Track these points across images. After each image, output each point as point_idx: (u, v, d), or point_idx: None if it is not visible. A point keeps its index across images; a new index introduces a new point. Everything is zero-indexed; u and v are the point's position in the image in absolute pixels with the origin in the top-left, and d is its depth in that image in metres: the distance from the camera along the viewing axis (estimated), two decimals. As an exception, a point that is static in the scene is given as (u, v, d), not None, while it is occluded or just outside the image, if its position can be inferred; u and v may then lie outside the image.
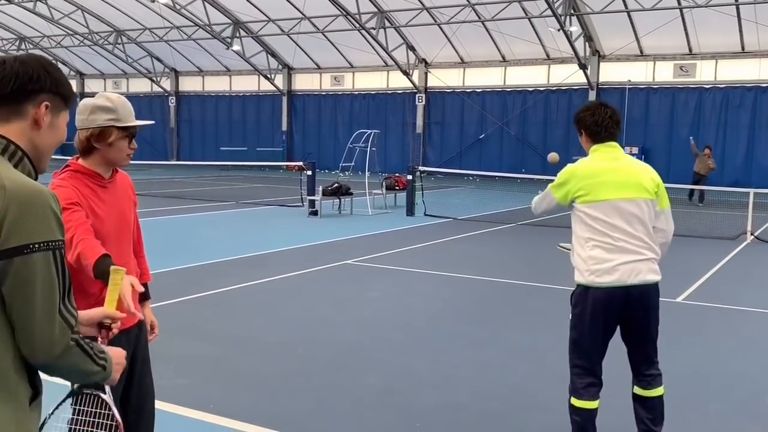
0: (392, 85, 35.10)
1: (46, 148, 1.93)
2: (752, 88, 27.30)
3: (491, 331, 7.04)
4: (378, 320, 7.33)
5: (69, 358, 1.79)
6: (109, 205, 3.01)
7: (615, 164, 3.99)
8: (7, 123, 1.86)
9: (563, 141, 30.92)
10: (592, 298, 3.85)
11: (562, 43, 28.28)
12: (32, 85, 1.87)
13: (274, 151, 37.42)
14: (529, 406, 5.08)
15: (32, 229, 1.71)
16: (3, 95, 1.85)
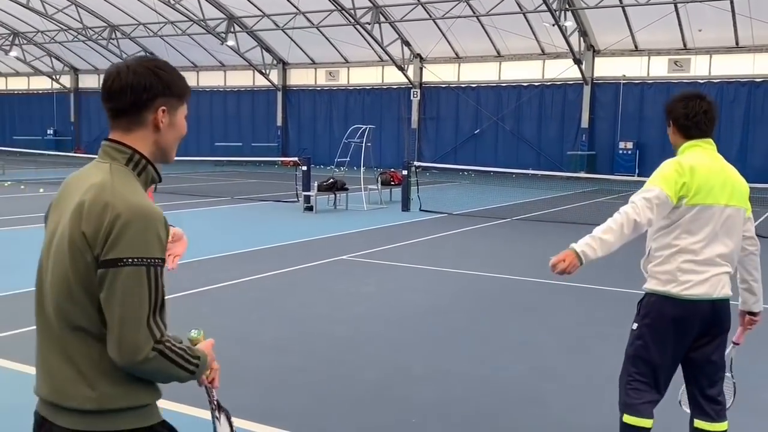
0: (387, 80, 35.09)
1: (169, 145, 2.10)
2: (746, 83, 27.38)
3: (487, 326, 7.05)
4: (374, 316, 7.33)
5: (150, 364, 1.91)
6: None
7: (719, 165, 3.56)
8: (129, 132, 2.03)
9: (558, 136, 31.00)
10: (672, 309, 3.44)
11: (557, 38, 28.30)
12: (146, 94, 1.99)
13: (269, 146, 37.39)
14: (524, 401, 5.10)
15: (130, 245, 1.86)
16: (122, 109, 2.00)
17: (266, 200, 18.73)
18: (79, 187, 1.97)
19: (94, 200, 1.89)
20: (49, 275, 1.98)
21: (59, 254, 1.93)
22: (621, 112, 29.47)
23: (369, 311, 7.52)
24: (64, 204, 2.00)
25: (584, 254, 3.25)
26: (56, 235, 1.97)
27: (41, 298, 2.02)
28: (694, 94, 3.62)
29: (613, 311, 7.35)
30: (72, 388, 1.95)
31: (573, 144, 30.37)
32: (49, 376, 2.00)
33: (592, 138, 30.23)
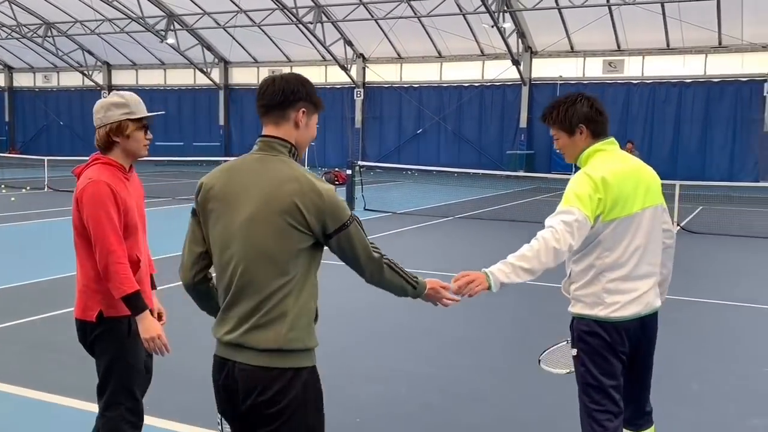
0: (330, 80, 35.17)
1: (303, 143, 2.67)
2: (677, 83, 28.44)
3: (430, 323, 7.12)
4: (320, 315, 7.40)
5: (386, 274, 2.70)
6: (132, 197, 3.32)
7: (628, 166, 3.31)
8: (279, 127, 2.61)
9: (497, 136, 31.61)
10: (603, 332, 3.25)
11: (496, 40, 28.87)
12: (293, 96, 2.59)
13: (211, 145, 37.05)
14: (468, 397, 5.18)
15: (341, 212, 2.54)
16: (274, 105, 2.58)
17: (209, 201, 18.58)
18: (268, 178, 2.53)
19: (308, 190, 2.50)
20: (248, 245, 2.52)
21: (263, 229, 2.50)
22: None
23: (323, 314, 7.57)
24: (246, 192, 2.54)
25: (495, 280, 3.07)
26: (252, 217, 2.51)
27: (240, 261, 2.54)
28: (580, 94, 3.36)
29: (557, 307, 7.58)
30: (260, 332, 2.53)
31: (512, 143, 31.02)
32: (238, 321, 2.56)
33: (531, 138, 30.94)
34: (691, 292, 8.81)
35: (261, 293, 2.53)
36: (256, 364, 2.52)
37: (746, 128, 27.29)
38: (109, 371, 3.30)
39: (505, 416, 4.91)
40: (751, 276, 10.14)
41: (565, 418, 4.72)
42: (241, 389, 2.55)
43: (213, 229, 2.62)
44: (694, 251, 11.89)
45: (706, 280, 9.75)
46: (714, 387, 5.46)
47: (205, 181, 2.65)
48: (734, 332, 7.13)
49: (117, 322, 3.26)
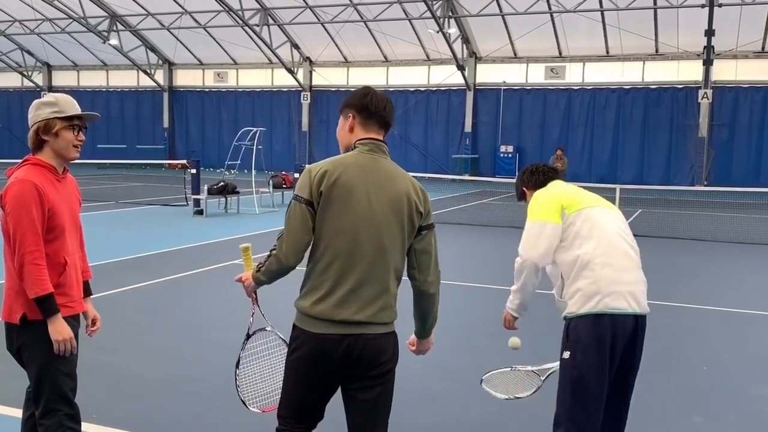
0: (277, 83, 35.03)
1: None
2: (616, 89, 29.23)
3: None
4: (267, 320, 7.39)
5: (439, 294, 3.12)
6: (64, 199, 3.28)
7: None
8: (378, 133, 3.12)
9: (443, 140, 31.95)
10: (597, 327, 3.32)
11: (441, 45, 29.20)
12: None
13: (155, 148, 36.47)
14: (418, 399, 5.17)
15: (432, 214, 3.10)
16: (389, 123, 3.14)
17: (153, 204, 18.38)
18: (391, 177, 2.98)
19: (417, 188, 3.03)
20: (383, 237, 2.91)
21: (394, 223, 2.92)
22: (502, 117, 30.76)
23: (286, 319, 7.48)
24: (378, 187, 2.92)
25: (514, 312, 3.78)
26: (382, 206, 2.91)
27: (366, 248, 2.89)
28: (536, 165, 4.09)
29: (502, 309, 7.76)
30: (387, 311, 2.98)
31: (458, 148, 31.39)
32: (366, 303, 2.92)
33: (476, 142, 31.37)
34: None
35: (386, 279, 2.93)
36: (382, 332, 2.96)
37: (682, 133, 28.22)
38: (41, 379, 3.26)
39: (455, 418, 5.00)
40: (689, 277, 10.47)
41: (512, 418, 4.86)
42: (367, 356, 2.92)
43: (339, 217, 2.87)
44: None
45: (652, 280, 10.03)
46: (656, 386, 5.56)
47: (328, 169, 2.89)
48: (674, 331, 7.32)
49: (43, 327, 3.20)
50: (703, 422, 5.00)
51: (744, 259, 12.04)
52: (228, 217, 16.47)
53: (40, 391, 3.27)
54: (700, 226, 15.97)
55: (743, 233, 14.75)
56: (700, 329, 7.56)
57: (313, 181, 2.86)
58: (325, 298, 2.88)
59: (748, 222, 17.04)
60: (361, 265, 2.88)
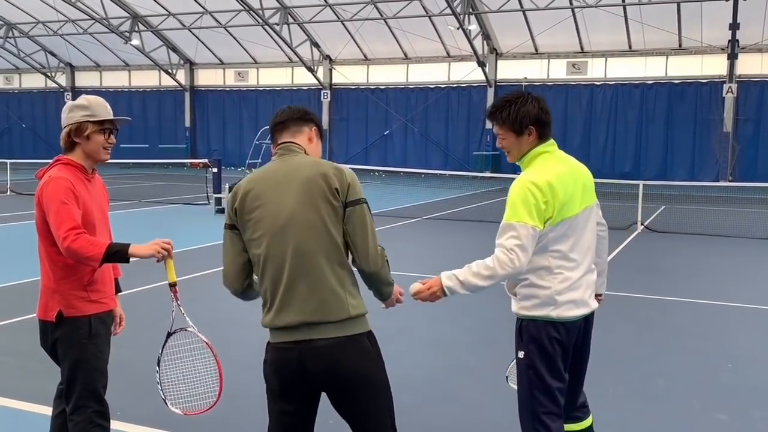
0: (297, 81, 35.12)
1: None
2: (639, 84, 28.94)
3: (402, 323, 7.00)
4: None
5: (384, 269, 2.92)
6: (94, 198, 3.36)
7: (569, 167, 3.33)
8: (294, 136, 3.03)
9: (464, 137, 31.84)
10: (555, 332, 3.23)
11: (462, 42, 29.09)
12: (307, 115, 3.09)
13: (177, 148, 36.75)
14: (440, 399, 5.16)
15: (359, 190, 2.85)
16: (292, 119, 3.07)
17: (176, 203, 18.52)
18: (296, 168, 2.89)
19: (330, 168, 2.86)
20: (301, 229, 2.78)
21: (309, 211, 2.79)
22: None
23: None
24: (285, 183, 2.84)
25: (449, 289, 3.21)
26: (290, 198, 2.81)
27: (287, 246, 2.79)
28: (528, 94, 3.34)
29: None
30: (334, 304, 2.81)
31: (478, 144, 31.27)
32: (304, 303, 2.81)
33: (496, 139, 31.16)
34: (657, 290, 9.02)
35: (317, 269, 2.81)
36: (336, 336, 2.83)
37: (706, 128, 27.88)
38: (74, 375, 3.31)
39: (476, 418, 4.97)
40: (713, 273, 10.38)
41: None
42: (326, 367, 2.85)
43: (256, 226, 2.84)
44: (658, 250, 12.17)
45: (670, 278, 9.97)
46: (680, 383, 5.55)
47: (240, 188, 2.91)
48: (699, 329, 7.27)
49: (77, 323, 3.28)
50: (728, 420, 4.94)
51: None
52: (249, 215, 16.49)
53: (72, 387, 3.32)
54: (724, 222, 15.78)
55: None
56: (724, 326, 7.48)
57: (228, 204, 2.95)
58: (269, 308, 2.90)
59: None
60: (287, 264, 2.80)
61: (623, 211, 16.87)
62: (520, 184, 3.17)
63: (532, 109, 3.25)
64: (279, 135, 3.03)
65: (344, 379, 2.81)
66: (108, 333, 3.45)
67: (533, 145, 3.29)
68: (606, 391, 5.34)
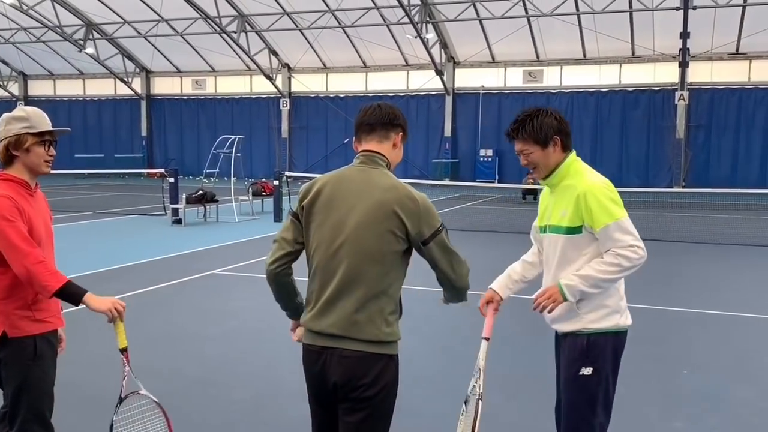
0: (256, 90, 34.91)
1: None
2: (594, 92, 29.42)
3: None
4: (246, 332, 7.26)
5: (468, 285, 3.03)
6: (38, 214, 3.24)
7: None
8: (380, 144, 3.00)
9: (423, 145, 31.98)
10: (621, 342, 3.34)
11: (420, 50, 29.25)
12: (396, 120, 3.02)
13: (133, 157, 36.18)
14: (397, 409, 5.19)
15: (433, 221, 2.87)
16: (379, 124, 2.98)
17: (131, 214, 18.21)
18: (374, 186, 2.88)
19: (407, 199, 2.86)
20: (356, 252, 2.81)
21: (369, 236, 2.80)
22: (481, 121, 30.86)
23: (241, 327, 7.45)
24: (360, 197, 2.86)
25: (569, 288, 3.13)
26: (360, 216, 2.82)
27: (341, 264, 2.83)
28: (543, 108, 3.35)
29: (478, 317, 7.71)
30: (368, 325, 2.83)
31: (437, 152, 31.45)
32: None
33: (455, 146, 31.44)
34: None
35: (363, 291, 2.82)
36: (361, 351, 2.83)
37: (659, 135, 28.45)
38: (18, 398, 3.19)
39: (434, 428, 4.95)
40: (667, 279, 10.47)
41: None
42: (342, 375, 2.83)
43: (318, 229, 2.88)
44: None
45: (629, 284, 10.03)
46: (636, 390, 5.54)
47: (315, 183, 2.95)
48: (654, 335, 7.29)
49: (21, 344, 3.16)
50: (684, 427, 4.96)
51: (722, 260, 12.14)
52: (207, 226, 16.36)
53: (17, 410, 3.20)
54: (679, 227, 16.09)
55: (721, 234, 14.86)
56: (680, 332, 7.56)
57: (300, 195, 2.98)
58: (310, 308, 2.93)
59: (725, 223, 17.19)
60: (338, 276, 2.83)
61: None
62: (595, 187, 3.21)
63: (553, 120, 3.28)
64: (365, 136, 2.97)
65: (355, 390, 2.81)
66: (54, 353, 3.34)
67: (560, 157, 3.31)
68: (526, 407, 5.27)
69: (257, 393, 5.52)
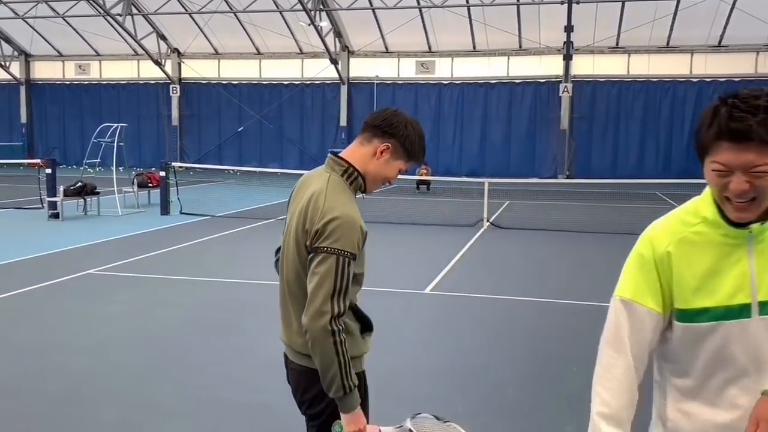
0: (144, 75, 33.69)
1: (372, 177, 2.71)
2: (483, 84, 30.09)
3: (245, 341, 6.66)
4: (121, 340, 6.73)
5: (320, 337, 2.40)
6: None
7: None
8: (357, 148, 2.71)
9: (319, 134, 31.83)
10: None
11: (314, 38, 29.02)
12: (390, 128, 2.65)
13: (12, 146, 34.17)
14: (274, 428, 4.86)
15: (334, 237, 2.43)
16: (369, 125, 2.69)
17: (5, 207, 17.19)
18: (306, 187, 2.67)
19: (316, 199, 2.54)
20: (287, 258, 2.63)
21: (292, 242, 2.59)
22: (376, 110, 30.95)
23: (115, 335, 6.89)
24: (298, 201, 2.66)
25: None
26: (292, 220, 2.62)
27: (283, 267, 2.66)
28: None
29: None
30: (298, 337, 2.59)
31: (333, 142, 31.38)
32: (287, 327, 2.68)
33: (351, 136, 31.42)
34: (505, 289, 9.04)
35: (288, 303, 2.65)
36: (302, 365, 2.63)
37: (545, 127, 29.45)
38: None
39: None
40: (560, 271, 10.55)
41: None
42: (292, 384, 2.73)
43: (283, 234, 2.74)
44: (504, 246, 12.61)
45: (517, 276, 10.11)
46: (528, 392, 5.34)
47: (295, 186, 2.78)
48: (543, 330, 7.12)
49: None
50: (573, 431, 4.71)
51: (611, 248, 12.50)
52: (87, 220, 15.63)
53: None
54: (564, 217, 16.68)
55: (604, 223, 15.47)
56: (569, 326, 7.34)
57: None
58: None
59: (607, 212, 17.97)
60: (281, 286, 2.71)
61: (470, 207, 17.47)
62: None
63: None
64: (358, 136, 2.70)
65: (302, 406, 2.69)
66: None
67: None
68: (456, 408, 5.09)
69: (126, 412, 5.05)
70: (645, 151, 28.70)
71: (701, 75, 28.11)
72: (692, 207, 1.98)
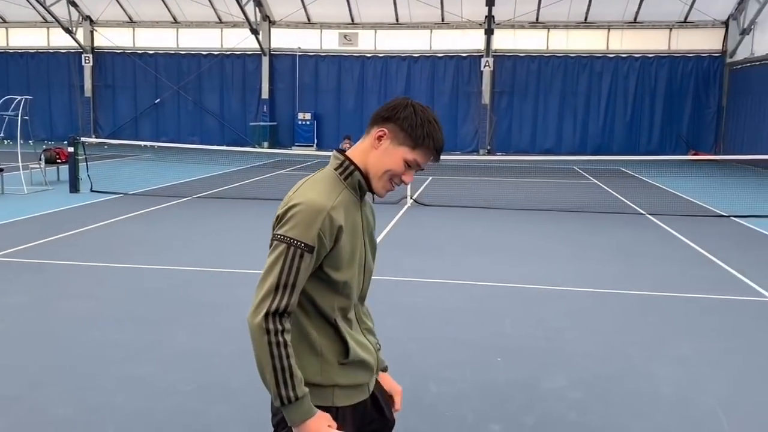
0: (54, 44, 32.21)
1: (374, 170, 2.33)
2: (406, 57, 30.01)
3: (154, 335, 6.19)
4: (12, 339, 6.11)
5: (255, 335, 2.12)
6: None
7: None
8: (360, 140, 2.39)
9: (240, 107, 31.19)
10: None
11: (233, 7, 28.26)
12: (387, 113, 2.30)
13: None
14: (196, 427, 4.54)
15: (290, 224, 2.16)
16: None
17: None
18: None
19: (292, 190, 2.29)
20: None
21: None
22: (298, 83, 30.53)
23: (7, 332, 6.28)
24: None
25: None
26: None
27: None
28: None
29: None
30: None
31: (255, 115, 30.80)
32: None
33: (273, 109, 30.93)
34: (426, 272, 8.76)
35: None
36: None
37: (467, 101, 29.65)
38: None
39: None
40: (476, 249, 10.42)
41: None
42: None
43: None
44: (427, 224, 12.50)
45: (435, 257, 9.84)
46: (450, 386, 5.12)
47: None
48: (464, 316, 6.85)
49: None
50: (501, 430, 4.51)
51: (530, 224, 12.60)
52: (-9, 200, 14.81)
53: None
54: (485, 192, 16.85)
55: (523, 200, 15.69)
56: (491, 310, 7.06)
57: None
58: None
59: (527, 187, 18.26)
60: None
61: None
62: None
63: None
64: None
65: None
66: None
67: None
68: None
69: (12, 424, 4.49)
70: (563, 126, 29.30)
71: (617, 50, 28.79)
72: None
